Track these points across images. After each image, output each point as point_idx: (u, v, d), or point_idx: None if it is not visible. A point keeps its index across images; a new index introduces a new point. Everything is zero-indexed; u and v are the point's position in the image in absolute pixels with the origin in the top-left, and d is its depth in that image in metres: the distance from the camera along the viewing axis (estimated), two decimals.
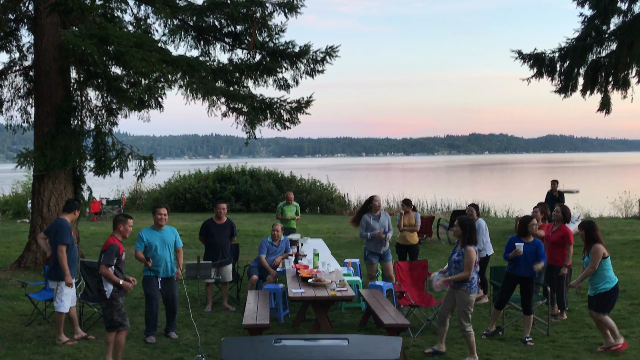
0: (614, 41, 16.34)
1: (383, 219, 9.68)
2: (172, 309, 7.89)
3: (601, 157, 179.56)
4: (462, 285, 6.82)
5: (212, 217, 9.58)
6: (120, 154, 12.20)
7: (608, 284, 7.13)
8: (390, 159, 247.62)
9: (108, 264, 6.57)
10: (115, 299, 6.59)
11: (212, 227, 9.42)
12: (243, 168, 26.97)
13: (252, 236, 16.95)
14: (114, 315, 6.57)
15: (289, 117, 13.12)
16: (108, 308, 6.59)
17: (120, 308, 6.62)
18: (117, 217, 7.02)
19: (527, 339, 7.57)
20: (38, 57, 11.72)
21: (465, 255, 6.77)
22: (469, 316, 6.85)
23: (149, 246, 7.67)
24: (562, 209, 8.74)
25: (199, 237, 9.79)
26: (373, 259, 9.62)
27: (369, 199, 9.88)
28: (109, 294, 6.57)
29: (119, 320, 6.58)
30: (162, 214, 7.83)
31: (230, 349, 4.20)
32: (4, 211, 22.94)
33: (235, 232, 9.71)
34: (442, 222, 17.25)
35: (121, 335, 6.66)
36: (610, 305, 7.21)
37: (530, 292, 7.72)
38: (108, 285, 6.58)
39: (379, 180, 62.92)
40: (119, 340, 6.65)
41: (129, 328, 6.92)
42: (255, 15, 12.33)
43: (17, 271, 11.42)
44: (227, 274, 9.45)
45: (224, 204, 9.56)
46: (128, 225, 6.93)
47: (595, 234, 7.20)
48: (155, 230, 7.79)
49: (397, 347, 4.21)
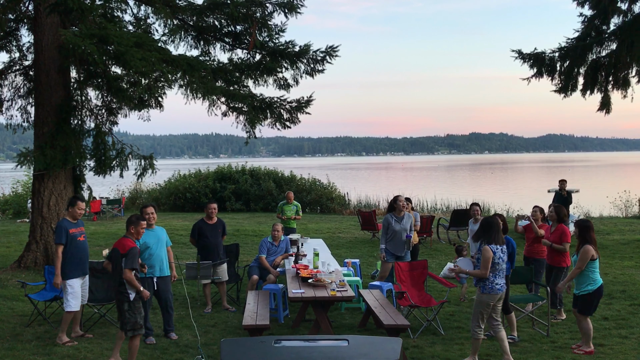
0: (614, 41, 16.34)
1: (406, 220, 9.53)
2: (168, 309, 7.85)
3: (601, 157, 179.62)
4: (477, 284, 6.85)
5: (203, 218, 9.58)
6: (120, 154, 12.21)
7: (591, 285, 7.12)
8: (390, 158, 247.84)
9: (132, 267, 6.52)
10: (137, 301, 6.59)
11: (204, 227, 9.43)
12: (243, 167, 26.96)
13: (252, 236, 16.95)
14: (137, 318, 6.54)
15: (289, 117, 13.13)
16: (131, 310, 6.54)
17: (141, 311, 6.62)
18: (129, 219, 6.97)
19: (510, 337, 7.57)
20: (38, 57, 11.72)
21: (482, 254, 6.76)
22: (480, 317, 6.77)
23: (144, 246, 7.64)
24: (555, 208, 8.73)
25: (190, 239, 9.75)
26: (389, 258, 9.52)
27: (393, 198, 9.74)
28: (132, 297, 6.55)
29: (140, 323, 6.57)
30: (150, 213, 7.83)
31: (230, 350, 4.20)
32: (4, 211, 22.95)
33: (226, 232, 9.74)
34: (442, 222, 17.25)
35: (137, 339, 6.63)
36: (592, 307, 7.20)
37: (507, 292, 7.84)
38: (130, 288, 6.55)
39: (380, 179, 62.91)
40: (135, 343, 6.61)
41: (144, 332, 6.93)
42: (255, 15, 12.33)
43: (17, 271, 11.42)
44: (223, 272, 9.45)
45: (214, 204, 9.59)
46: (140, 227, 6.88)
47: (589, 234, 7.17)
48: (148, 230, 7.75)
49: (397, 348, 4.21)
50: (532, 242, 9.12)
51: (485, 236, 6.77)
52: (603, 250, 13.54)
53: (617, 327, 8.19)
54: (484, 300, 6.77)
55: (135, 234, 6.85)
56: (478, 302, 6.81)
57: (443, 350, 7.31)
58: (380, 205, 26.81)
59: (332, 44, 12.76)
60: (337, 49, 12.81)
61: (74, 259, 7.68)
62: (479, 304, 6.80)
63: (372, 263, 12.87)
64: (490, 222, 6.87)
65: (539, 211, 9.34)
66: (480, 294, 6.78)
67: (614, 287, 10.43)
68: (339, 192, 27.03)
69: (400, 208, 9.52)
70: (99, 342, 7.63)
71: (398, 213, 9.53)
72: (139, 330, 6.57)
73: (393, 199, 9.75)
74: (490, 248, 6.70)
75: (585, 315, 7.18)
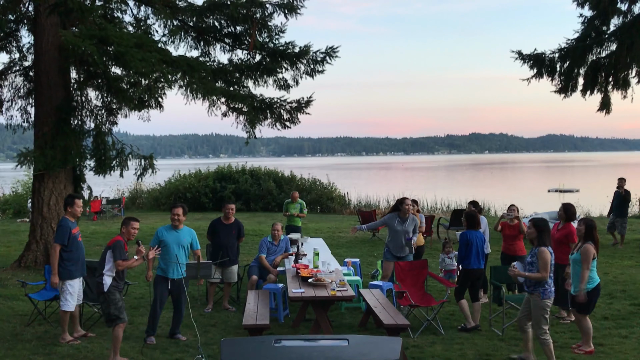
0: (613, 41, 16.37)
1: (409, 224, 9.44)
2: (180, 311, 7.87)
3: (601, 157, 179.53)
4: (535, 290, 6.60)
5: (220, 217, 9.54)
6: (121, 154, 12.21)
7: (589, 284, 7.10)
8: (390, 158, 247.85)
9: (123, 258, 6.70)
10: (112, 293, 6.70)
11: (218, 226, 9.40)
12: (243, 167, 26.97)
13: (252, 236, 16.95)
14: (111, 309, 6.66)
15: (289, 117, 13.15)
16: (105, 302, 6.70)
17: (117, 302, 6.70)
18: (123, 220, 7.10)
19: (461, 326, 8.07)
20: (38, 58, 11.73)
21: (538, 256, 6.58)
22: (544, 322, 6.58)
23: (162, 244, 7.66)
24: (564, 207, 8.75)
25: (207, 235, 9.76)
26: (389, 258, 9.51)
27: (400, 200, 9.62)
28: (106, 288, 6.68)
29: (115, 313, 6.67)
30: (176, 214, 7.74)
31: (230, 350, 4.20)
32: (4, 210, 22.95)
33: (243, 233, 9.64)
34: (442, 221, 17.26)
35: (118, 329, 6.73)
36: (591, 305, 7.19)
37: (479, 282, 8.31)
38: (107, 279, 6.68)
39: (380, 179, 62.92)
40: (117, 334, 6.72)
41: (126, 321, 6.96)
42: (255, 16, 12.34)
43: (17, 271, 11.43)
44: (232, 274, 9.40)
45: (232, 204, 9.51)
46: (131, 228, 6.95)
47: (595, 233, 7.21)
48: (172, 230, 7.78)
49: (397, 348, 4.21)
50: (512, 239, 9.22)
51: (539, 238, 6.66)
52: (603, 250, 13.52)
53: (617, 326, 8.19)
54: (545, 306, 6.58)
55: (126, 234, 6.94)
56: (538, 307, 6.56)
57: (443, 350, 7.31)
58: (381, 205, 26.82)
59: (332, 45, 12.86)
60: (337, 49, 12.84)
61: (76, 259, 7.69)
62: (541, 310, 6.56)
63: (372, 263, 12.87)
64: (545, 222, 6.76)
65: (516, 209, 9.49)
66: (540, 300, 6.56)
67: (614, 287, 10.44)
68: (339, 192, 27.05)
69: (406, 211, 9.39)
70: (99, 341, 7.64)
71: (403, 215, 9.44)
72: (115, 321, 6.68)
73: (400, 200, 9.61)
74: (546, 249, 6.58)
75: (584, 314, 7.18)
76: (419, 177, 67.83)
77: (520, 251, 9.31)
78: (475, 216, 8.53)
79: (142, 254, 6.94)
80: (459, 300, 8.27)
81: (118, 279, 6.78)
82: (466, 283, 8.30)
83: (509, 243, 9.41)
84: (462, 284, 8.35)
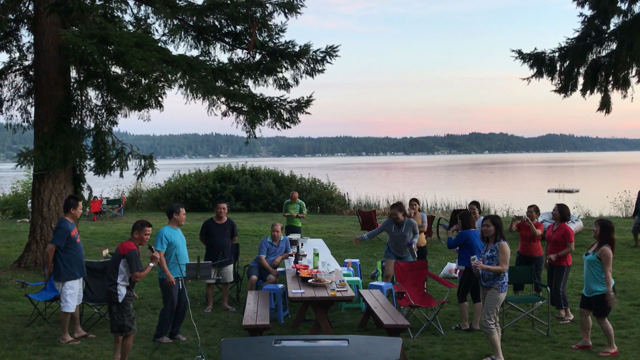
0: (613, 41, 16.36)
1: (405, 228, 9.45)
2: (184, 311, 7.86)
3: (601, 157, 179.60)
4: (494, 283, 6.88)
5: (213, 217, 9.56)
6: (120, 153, 12.21)
7: (602, 287, 7.05)
8: (390, 158, 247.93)
9: (140, 269, 6.57)
10: (127, 304, 6.58)
11: (212, 227, 9.40)
12: (243, 167, 26.96)
13: (252, 236, 16.95)
14: (125, 320, 6.55)
15: (289, 117, 13.13)
16: (119, 313, 6.55)
17: (130, 313, 6.62)
18: (134, 224, 6.88)
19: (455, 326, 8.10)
20: (38, 57, 11.73)
21: (499, 250, 6.88)
22: (494, 313, 6.87)
23: (172, 246, 7.65)
24: (559, 207, 8.75)
25: (199, 237, 9.79)
26: (391, 257, 9.53)
27: (391, 206, 9.80)
28: (121, 299, 6.54)
29: (128, 325, 6.58)
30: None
31: (230, 350, 4.20)
32: (4, 211, 22.94)
33: (236, 232, 9.67)
34: (442, 222, 17.24)
35: (129, 339, 6.67)
36: (607, 308, 7.14)
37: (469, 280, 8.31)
38: (121, 289, 6.54)
39: (380, 179, 62.93)
40: (127, 343, 6.66)
41: (136, 331, 6.91)
42: (255, 15, 12.32)
43: (17, 271, 11.42)
44: (228, 274, 9.43)
45: (224, 203, 9.54)
46: (144, 234, 6.78)
47: (610, 235, 7.12)
48: (175, 230, 7.80)
49: (397, 348, 4.21)
50: (529, 240, 9.16)
51: (497, 233, 7.00)
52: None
53: (617, 327, 8.17)
54: (500, 299, 6.89)
55: (139, 239, 6.77)
56: (492, 300, 6.86)
57: (443, 350, 7.31)
58: (380, 205, 26.81)
59: (332, 44, 12.76)
60: (337, 49, 12.80)
61: (75, 261, 7.69)
62: (495, 302, 6.87)
63: (372, 263, 12.87)
64: (499, 219, 7.13)
65: (534, 210, 9.39)
66: (497, 293, 6.85)
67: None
68: (339, 192, 27.04)
69: (397, 215, 9.44)
70: (99, 342, 7.64)
71: (396, 219, 9.51)
72: (126, 332, 6.58)
73: (391, 206, 9.79)
74: (506, 244, 6.90)
75: (602, 317, 7.12)
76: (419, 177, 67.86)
77: (537, 252, 9.19)
78: (470, 215, 8.62)
79: (157, 260, 6.83)
80: (462, 302, 8.24)
81: (131, 287, 6.69)
82: (469, 283, 8.26)
83: (525, 244, 9.29)
84: (465, 284, 8.30)
